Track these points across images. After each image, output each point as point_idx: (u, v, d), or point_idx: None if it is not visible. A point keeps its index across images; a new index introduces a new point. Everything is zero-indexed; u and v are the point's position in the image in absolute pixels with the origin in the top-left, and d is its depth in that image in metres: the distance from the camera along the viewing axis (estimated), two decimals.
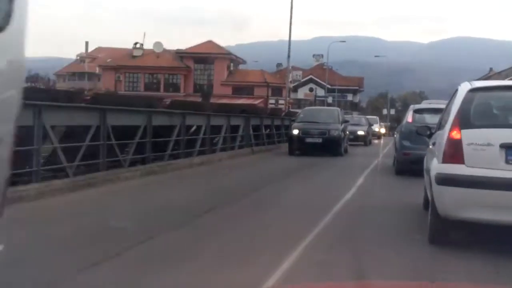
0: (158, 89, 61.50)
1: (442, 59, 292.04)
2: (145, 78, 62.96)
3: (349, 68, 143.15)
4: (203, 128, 16.52)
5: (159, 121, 13.75)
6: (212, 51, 61.80)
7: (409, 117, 14.28)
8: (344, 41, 69.89)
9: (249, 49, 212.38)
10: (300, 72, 54.25)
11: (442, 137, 6.23)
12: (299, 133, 20.35)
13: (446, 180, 5.86)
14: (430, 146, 7.47)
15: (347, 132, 22.82)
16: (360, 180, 12.75)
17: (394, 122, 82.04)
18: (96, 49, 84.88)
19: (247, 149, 20.39)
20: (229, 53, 63.68)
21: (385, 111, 79.99)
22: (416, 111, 14.42)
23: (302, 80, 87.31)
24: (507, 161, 5.67)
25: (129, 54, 64.32)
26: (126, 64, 62.31)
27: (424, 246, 6.13)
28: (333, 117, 21.48)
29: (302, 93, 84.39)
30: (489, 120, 6.26)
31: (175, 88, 61.84)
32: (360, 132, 30.31)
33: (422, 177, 7.90)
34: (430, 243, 6.15)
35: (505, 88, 6.83)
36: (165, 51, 62.92)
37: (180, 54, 63.21)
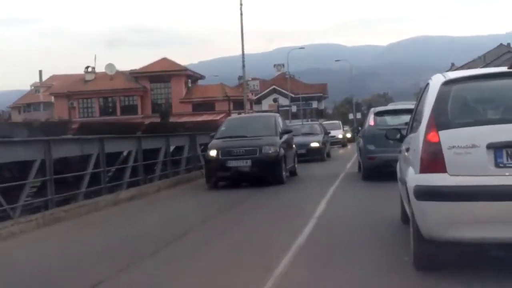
0: (114, 113, 58.25)
1: (403, 59, 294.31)
2: (99, 103, 59.60)
3: (312, 76, 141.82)
4: (133, 154, 13.64)
5: (64, 152, 10.85)
6: (168, 68, 58.79)
7: (370, 120, 14.08)
8: (303, 48, 67.60)
9: (212, 65, 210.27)
10: (257, 82, 51.59)
11: (417, 141, 5.08)
12: (217, 154, 13.95)
13: (427, 194, 4.75)
14: (404, 153, 6.17)
15: (294, 146, 16.35)
16: (306, 231, 7.37)
17: (361, 126, 79.98)
18: (50, 77, 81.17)
19: (197, 172, 17.51)
20: (186, 69, 60.60)
21: (351, 116, 77.93)
22: (377, 114, 14.23)
23: (265, 92, 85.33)
24: (496, 165, 4.61)
25: (81, 79, 60.97)
26: (79, 89, 58.91)
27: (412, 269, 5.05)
28: (267, 127, 14.89)
29: (266, 105, 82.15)
30: (471, 116, 5.03)
31: (132, 110, 58.57)
32: (314, 144, 22.74)
33: (390, 181, 7.38)
34: (417, 270, 5.03)
35: (484, 77, 5.51)
36: (119, 72, 59.68)
37: (135, 75, 59.99)
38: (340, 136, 37.41)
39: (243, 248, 6.81)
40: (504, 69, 5.44)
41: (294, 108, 72.37)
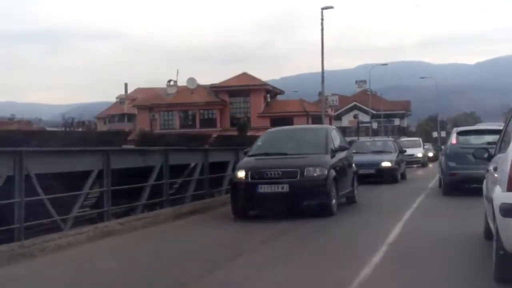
0: (193, 126, 58.65)
1: (491, 79, 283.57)
2: (180, 115, 60.19)
3: (395, 93, 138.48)
4: (199, 167, 13.02)
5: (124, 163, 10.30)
6: (247, 83, 58.67)
7: (453, 139, 14.45)
8: (386, 64, 65.32)
9: (293, 81, 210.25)
10: (336, 97, 50.44)
11: (505, 161, 5.37)
12: (246, 176, 10.71)
13: None
14: (491, 170, 6.56)
15: (353, 167, 13.27)
16: None
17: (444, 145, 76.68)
18: (135, 90, 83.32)
19: None
20: (265, 84, 60.29)
21: (435, 134, 75.05)
22: (460, 133, 14.64)
23: (346, 108, 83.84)
24: None
25: (164, 92, 61.93)
26: (160, 102, 59.82)
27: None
28: (316, 143, 11.69)
29: (346, 121, 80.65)
30: None
31: (211, 123, 58.78)
32: (385, 164, 19.54)
33: (470, 196, 8.48)
34: (496, 281, 5.33)
35: None
36: (199, 86, 60.15)
37: (215, 89, 60.28)
38: (420, 154, 33.36)
39: None
40: None
41: (375, 125, 70.55)
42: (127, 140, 11.18)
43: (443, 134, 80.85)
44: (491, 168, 6.67)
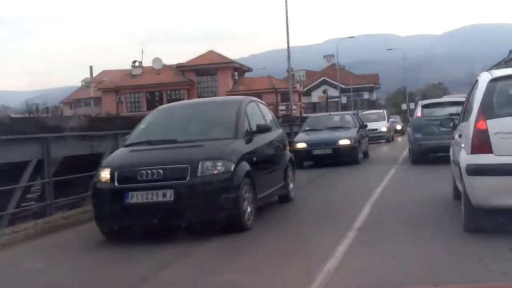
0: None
1: (458, 49, 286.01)
2: (147, 97, 58.96)
3: (364, 67, 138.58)
4: None
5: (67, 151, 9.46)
6: (214, 61, 57.63)
7: (418, 112, 15.36)
8: (353, 37, 64.94)
9: (263, 59, 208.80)
10: (303, 72, 49.69)
11: (468, 128, 6.18)
12: (111, 178, 6.83)
13: (476, 171, 5.88)
14: (456, 138, 7.40)
15: (287, 152, 10.01)
16: None
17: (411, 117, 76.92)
18: (101, 73, 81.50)
19: None
20: (232, 62, 59.33)
21: (404, 106, 75.07)
22: (424, 106, 15.58)
23: (315, 83, 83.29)
24: None
25: (129, 74, 60.52)
26: (126, 84, 58.45)
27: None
28: (224, 123, 8.25)
29: (316, 96, 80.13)
30: None
31: None
32: (343, 142, 16.40)
33: (436, 165, 10.13)
34: (465, 231, 6.19)
35: None
36: (165, 67, 58.91)
37: (181, 68, 59.11)
38: (384, 129, 29.32)
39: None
40: None
41: (344, 99, 70.26)
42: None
43: (412, 106, 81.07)
44: (456, 135, 7.44)
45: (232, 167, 7.03)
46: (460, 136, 6.90)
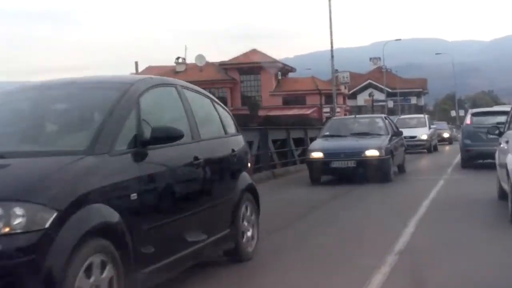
0: None
1: (508, 56, 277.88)
2: None
3: (410, 71, 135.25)
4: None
5: None
6: (258, 60, 56.12)
7: (468, 120, 16.35)
8: (400, 39, 62.35)
9: (307, 59, 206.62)
10: (347, 74, 47.51)
11: None
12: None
13: None
14: (502, 144, 8.22)
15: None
16: None
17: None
18: (146, 68, 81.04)
19: (267, 173, 15.27)
20: (276, 61, 57.66)
21: (453, 113, 72.23)
22: (474, 114, 16.53)
23: (360, 86, 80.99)
24: None
25: (172, 70, 59.56)
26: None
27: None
28: None
29: (362, 99, 77.82)
30: None
31: (222, 102, 56.20)
32: (370, 153, 13.02)
33: (483, 169, 11.92)
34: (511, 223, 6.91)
35: None
36: (209, 64, 57.68)
37: (224, 66, 57.78)
38: (424, 136, 25.30)
39: None
40: None
41: (390, 103, 67.82)
42: None
43: (461, 113, 78.06)
44: (503, 142, 8.26)
45: (50, 220, 3.22)
46: (507, 142, 7.73)
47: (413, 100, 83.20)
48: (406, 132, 20.73)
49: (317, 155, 13.33)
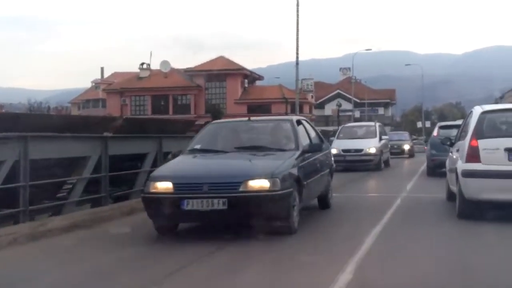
0: (167, 111, 55.10)
1: (478, 69, 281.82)
2: (152, 101, 56.57)
3: (381, 83, 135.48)
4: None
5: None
6: (224, 67, 55.12)
7: (435, 132, 18.46)
8: (370, 49, 62.12)
9: (280, 69, 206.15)
10: (311, 81, 46.84)
11: (464, 145, 8.60)
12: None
13: (469, 174, 8.25)
14: (453, 152, 9.88)
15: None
16: None
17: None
18: (112, 74, 79.56)
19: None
20: (243, 68, 56.75)
21: (419, 124, 72.11)
22: (441, 127, 18.67)
23: (329, 96, 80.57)
24: (509, 159, 8.08)
25: (136, 76, 58.25)
26: (132, 86, 56.09)
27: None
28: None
29: (329, 109, 77.33)
30: (496, 132, 8.59)
31: (186, 109, 55.26)
32: (254, 183, 7.36)
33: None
34: (459, 218, 8.51)
35: (507, 110, 9.42)
36: (174, 70, 56.51)
37: (190, 73, 56.66)
38: (373, 150, 20.27)
39: None
40: None
41: (357, 114, 67.32)
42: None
43: (427, 124, 78.13)
44: (454, 150, 9.74)
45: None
46: (457, 150, 9.21)
47: (381, 111, 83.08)
48: (350, 144, 20.13)
49: (163, 186, 7.46)
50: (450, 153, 10.15)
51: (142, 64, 57.72)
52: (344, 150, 19.93)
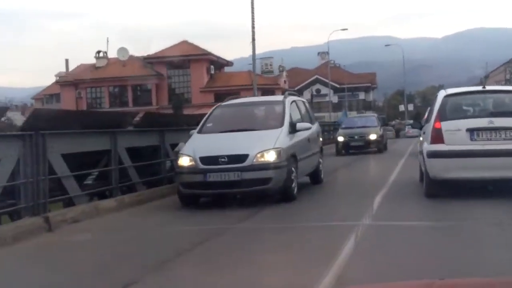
0: (126, 104, 49.52)
1: (459, 52, 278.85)
2: (109, 92, 50.94)
3: (364, 69, 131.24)
4: None
5: None
6: (187, 53, 49.55)
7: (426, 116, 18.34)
8: (346, 29, 57.11)
9: (262, 59, 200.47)
10: (270, 60, 41.57)
11: (429, 127, 8.96)
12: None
13: (433, 155, 8.54)
14: (422, 135, 10.31)
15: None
16: None
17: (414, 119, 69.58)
18: (78, 67, 73.62)
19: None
20: (208, 53, 51.08)
21: (402, 108, 67.32)
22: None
23: (308, 82, 75.83)
24: (471, 139, 8.39)
25: (93, 66, 52.57)
26: (86, 77, 50.35)
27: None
28: None
29: (308, 95, 72.39)
30: (458, 114, 8.86)
31: (146, 100, 49.68)
32: None
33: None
34: (427, 197, 8.85)
35: (468, 93, 9.55)
36: (133, 58, 50.84)
37: (150, 60, 50.99)
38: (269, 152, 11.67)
39: None
40: (479, 88, 9.85)
41: (335, 99, 62.30)
42: None
43: (410, 107, 73.59)
44: (422, 133, 10.43)
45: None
46: (424, 133, 9.83)
47: (362, 96, 78.30)
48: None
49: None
50: (420, 136, 10.89)
51: (98, 52, 52.03)
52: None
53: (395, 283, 3.01)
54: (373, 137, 22.76)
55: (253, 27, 26.32)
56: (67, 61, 78.33)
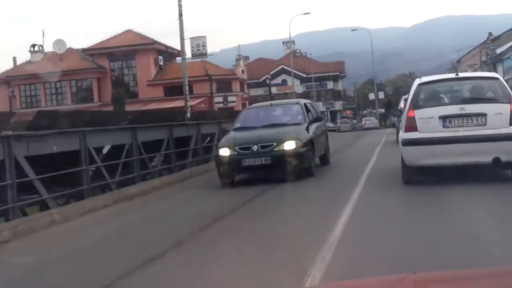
0: (64, 101, 43.44)
1: (428, 40, 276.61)
2: (45, 89, 44.73)
3: (334, 60, 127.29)
4: None
5: None
6: (132, 42, 43.62)
7: (401, 104, 19.01)
8: (309, 13, 51.65)
9: (234, 53, 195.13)
10: (202, 39, 36.00)
11: (404, 116, 9.10)
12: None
13: (408, 142, 8.68)
14: (399, 122, 11.61)
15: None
16: None
17: (385, 108, 65.17)
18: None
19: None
20: (154, 43, 45.08)
21: (372, 96, 62.41)
22: (406, 100, 17.93)
23: (273, 72, 70.49)
24: (443, 126, 8.44)
25: (27, 62, 46.30)
26: (20, 74, 44.12)
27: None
28: None
29: (274, 88, 66.93)
30: (431, 102, 8.83)
31: (87, 97, 43.65)
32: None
33: None
34: (404, 183, 9.09)
35: (441, 80, 9.51)
36: (71, 51, 44.73)
37: (89, 52, 44.89)
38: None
39: None
40: (453, 75, 9.84)
41: (299, 89, 57.03)
42: None
43: (381, 95, 69.16)
44: (399, 121, 11.99)
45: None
46: (400, 121, 10.28)
47: (330, 85, 73.20)
48: None
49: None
50: (399, 122, 11.92)
51: (33, 46, 45.76)
52: None
53: (368, 279, 3.16)
54: (289, 146, 11.09)
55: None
56: (14, 58, 71.58)
